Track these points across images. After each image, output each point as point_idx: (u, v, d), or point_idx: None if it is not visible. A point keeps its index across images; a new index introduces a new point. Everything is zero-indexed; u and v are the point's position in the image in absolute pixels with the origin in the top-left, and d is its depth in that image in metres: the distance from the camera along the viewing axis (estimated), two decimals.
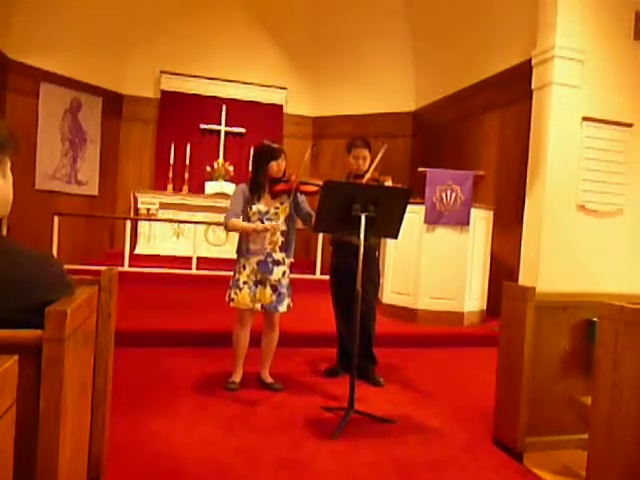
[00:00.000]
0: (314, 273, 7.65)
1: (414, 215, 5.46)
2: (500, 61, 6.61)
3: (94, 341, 1.89)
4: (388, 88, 8.93)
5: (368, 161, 3.80)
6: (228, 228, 3.39)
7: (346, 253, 3.59)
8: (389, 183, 3.55)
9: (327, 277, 3.54)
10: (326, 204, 2.97)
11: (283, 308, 3.46)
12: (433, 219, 5.49)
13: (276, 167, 3.42)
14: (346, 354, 3.95)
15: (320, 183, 3.37)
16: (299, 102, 9.71)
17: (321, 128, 9.70)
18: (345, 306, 3.78)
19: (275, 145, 3.45)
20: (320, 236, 7.34)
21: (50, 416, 1.31)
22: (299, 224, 3.59)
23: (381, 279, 3.97)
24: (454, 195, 5.48)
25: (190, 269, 7.31)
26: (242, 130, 9.41)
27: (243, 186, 3.49)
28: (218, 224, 7.45)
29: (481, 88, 7.04)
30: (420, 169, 5.55)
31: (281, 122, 9.60)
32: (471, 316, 5.66)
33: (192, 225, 8.00)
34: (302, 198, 3.52)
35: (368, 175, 3.58)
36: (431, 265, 5.51)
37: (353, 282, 3.07)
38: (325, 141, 9.67)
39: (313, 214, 3.48)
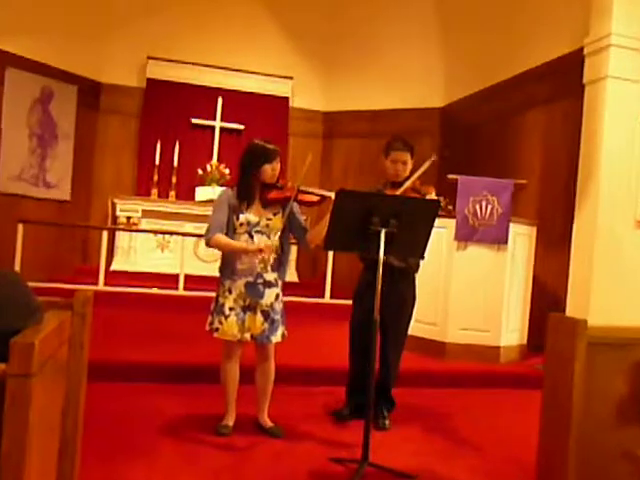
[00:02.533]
0: (322, 296, 7.67)
1: (442, 230, 5.47)
2: (545, 51, 6.64)
3: (64, 375, 1.90)
4: (412, 80, 9.00)
5: (409, 167, 3.83)
6: (210, 244, 3.41)
7: (378, 274, 3.59)
8: (432, 196, 3.56)
9: (339, 301, 3.55)
10: (339, 217, 2.98)
11: (277, 338, 3.47)
12: (465, 235, 5.50)
13: (270, 171, 3.44)
14: (357, 393, 3.95)
15: (323, 193, 3.40)
16: (307, 94, 9.80)
17: (333, 125, 9.77)
18: (363, 335, 3.77)
19: (270, 145, 3.47)
20: (330, 252, 7.37)
21: (11, 464, 1.31)
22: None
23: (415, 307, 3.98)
24: (490, 207, 5.48)
25: (176, 289, 7.33)
26: (240, 126, 9.49)
27: (229, 191, 3.51)
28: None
29: (522, 82, 7.07)
30: (450, 176, 5.56)
31: (286, 117, 9.69)
32: (509, 352, 5.63)
33: (180, 237, 8.04)
34: (298, 208, 3.55)
35: (407, 184, 3.59)
36: (462, 290, 5.50)
37: (381, 307, 3.08)
38: (337, 141, 9.74)
39: (309, 229, 3.51)
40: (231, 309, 3.41)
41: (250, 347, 3.56)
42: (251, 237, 3.42)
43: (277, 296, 3.49)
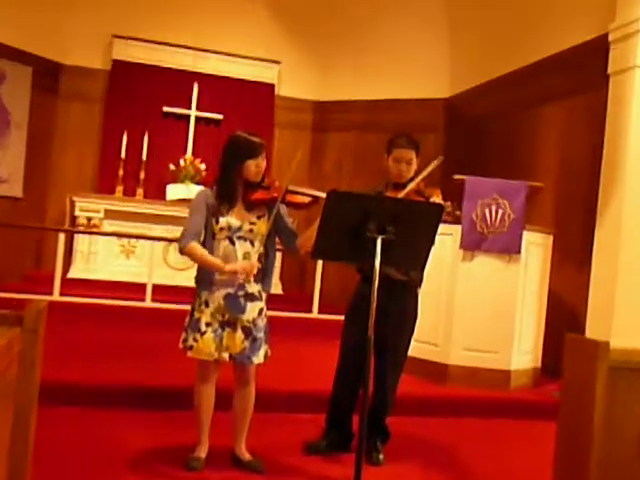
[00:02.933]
0: (310, 310, 7.67)
1: (447, 238, 5.49)
2: (565, 37, 6.68)
3: (12, 399, 1.89)
4: (414, 67, 9.05)
5: (414, 166, 3.86)
6: (184, 253, 3.41)
7: (373, 288, 3.58)
8: (437, 199, 3.57)
9: (328, 317, 3.55)
10: (330, 221, 2.98)
11: (259, 358, 3.46)
12: (472, 244, 5.52)
13: (254, 168, 3.44)
14: (340, 423, 3.97)
15: (315, 194, 3.40)
16: (296, 81, 9.83)
17: (325, 116, 9.80)
18: (355, 356, 3.78)
19: (254, 138, 3.47)
20: (319, 261, 7.38)
21: None
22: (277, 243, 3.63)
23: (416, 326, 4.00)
24: (501, 212, 5.51)
25: (143, 300, 7.32)
26: (219, 116, 9.50)
27: (207, 192, 3.51)
28: None
29: (538, 72, 7.12)
30: (456, 176, 5.59)
31: (271, 107, 9.70)
32: (520, 376, 5.65)
33: (147, 242, 8.02)
34: (286, 211, 3.56)
35: (411, 186, 3.60)
36: (467, 306, 5.52)
37: (378, 325, 3.08)
38: (329, 134, 9.76)
39: (298, 234, 3.52)
40: (208, 325, 3.41)
41: (228, 368, 3.55)
42: (232, 243, 3.42)
43: (260, 311, 3.49)
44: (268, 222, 3.44)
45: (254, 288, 3.47)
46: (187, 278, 8.22)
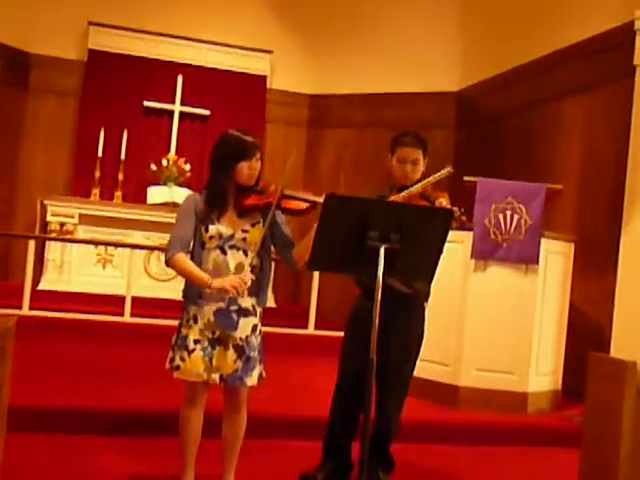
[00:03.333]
0: (306, 326, 7.68)
1: (457, 246, 5.49)
2: (587, 24, 6.71)
3: None
4: (421, 57, 9.07)
5: (421, 167, 3.85)
6: (169, 265, 3.39)
7: (375, 302, 3.57)
8: (443, 203, 3.56)
9: (325, 333, 3.55)
10: (327, 229, 2.98)
11: (252, 380, 3.45)
12: (485, 253, 5.52)
13: (248, 170, 3.43)
14: (339, 451, 3.96)
15: (314, 199, 3.39)
16: (290, 73, 9.86)
17: (321, 112, 9.83)
18: (355, 377, 3.77)
19: (247, 137, 3.46)
20: (316, 273, 7.37)
21: None
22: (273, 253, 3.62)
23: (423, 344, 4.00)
24: (516, 218, 5.52)
25: (122, 315, 7.30)
26: (205, 112, 9.52)
27: (196, 197, 3.51)
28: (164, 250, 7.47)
29: (557, 63, 7.15)
30: (466, 178, 5.60)
31: (263, 101, 9.73)
32: (539, 399, 5.65)
33: (127, 250, 8.01)
34: (282, 218, 3.55)
35: (415, 188, 3.59)
36: (480, 321, 5.52)
37: (380, 343, 3.07)
38: (326, 131, 9.77)
39: (296, 244, 3.51)
40: (196, 342, 3.40)
41: (216, 391, 3.54)
42: (224, 253, 3.40)
43: (254, 327, 3.48)
44: (263, 230, 3.44)
45: (247, 302, 3.46)
46: (171, 290, 8.24)
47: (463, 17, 8.71)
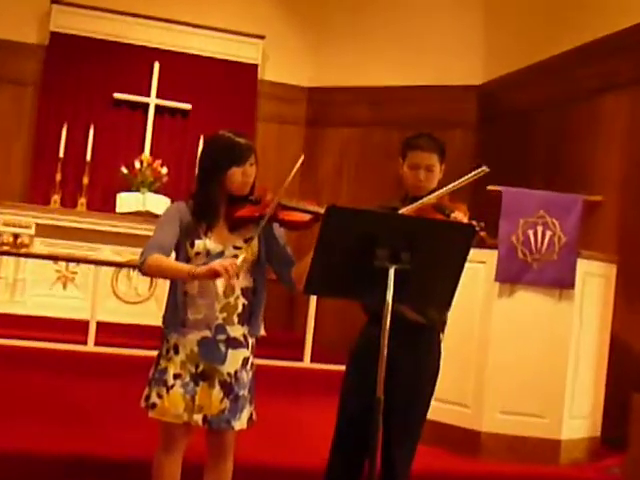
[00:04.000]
0: (301, 358, 7.69)
1: (478, 267, 5.49)
2: (630, 10, 6.72)
3: None
4: (437, 45, 9.13)
5: (437, 175, 3.84)
6: (144, 267, 3.34)
7: (383, 331, 3.54)
8: (459, 216, 3.56)
9: (323, 366, 3.54)
10: (327, 246, 2.98)
11: (241, 423, 3.45)
12: (511, 275, 5.51)
13: (241, 177, 3.44)
14: None
15: (315, 210, 3.39)
16: (286, 62, 9.91)
17: (321, 108, 9.86)
18: (356, 418, 3.76)
19: (241, 139, 3.47)
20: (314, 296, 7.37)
21: None
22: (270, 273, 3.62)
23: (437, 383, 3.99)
24: (549, 234, 5.52)
25: (84, 343, 7.29)
26: (186, 106, 9.54)
27: (182, 206, 3.52)
28: (137, 267, 7.48)
29: (595, 54, 7.17)
30: (490, 187, 5.60)
31: (253, 94, 9.76)
32: (574, 447, 5.62)
33: (91, 267, 8.01)
34: (280, 232, 3.55)
35: (428, 199, 3.58)
36: (505, 356, 5.50)
37: (388, 381, 3.07)
38: (327, 131, 9.79)
39: (295, 262, 3.51)
40: (176, 377, 3.39)
41: (199, 434, 3.54)
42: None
43: (245, 361, 3.48)
44: (257, 246, 3.45)
45: (238, 331, 3.46)
46: (143, 314, 8.25)
47: (487, 3, 8.75)
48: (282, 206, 3.42)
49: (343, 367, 4.02)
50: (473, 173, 3.41)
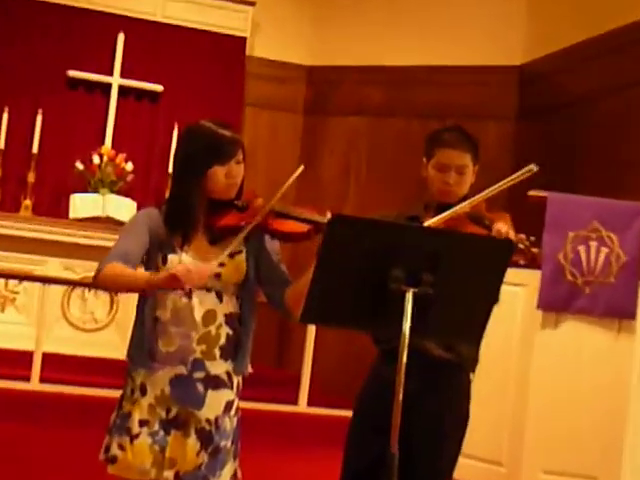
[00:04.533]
0: (295, 401, 7.70)
1: (516, 291, 5.51)
2: None
3: None
4: (468, 17, 9.17)
5: (469, 178, 3.86)
6: (99, 278, 3.34)
7: (399, 370, 3.51)
8: (503, 230, 3.55)
9: (323, 411, 3.54)
10: (330, 265, 2.98)
11: None
12: (558, 301, 5.52)
13: (225, 178, 3.43)
14: None
15: (315, 218, 3.39)
16: (280, 34, 9.94)
17: (324, 91, 9.86)
18: (364, 477, 3.78)
19: (226, 131, 3.46)
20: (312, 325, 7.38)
21: None
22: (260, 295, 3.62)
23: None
24: (605, 252, 5.52)
25: (27, 379, 7.28)
26: (157, 87, 9.53)
27: (153, 213, 3.53)
28: (91, 286, 7.49)
29: None
30: (532, 192, 5.60)
31: (241, 74, 9.75)
32: None
33: (37, 285, 8.00)
34: (273, 246, 3.56)
35: (462, 206, 3.59)
36: (549, 401, 5.51)
37: (404, 431, 3.07)
38: (332, 120, 9.79)
39: (291, 282, 3.50)
40: (143, 423, 3.39)
41: None
42: (187, 295, 3.38)
43: (229, 405, 3.47)
44: (246, 262, 3.45)
45: (219, 367, 3.44)
46: (101, 344, 8.22)
47: None
48: (275, 213, 3.41)
49: (347, 412, 4.03)
50: (519, 173, 3.40)
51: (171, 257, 3.41)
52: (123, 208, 8.84)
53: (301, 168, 3.49)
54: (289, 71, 9.91)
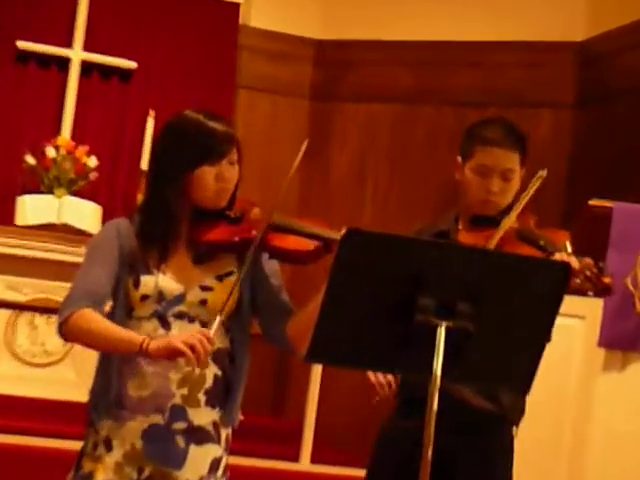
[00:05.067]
0: (296, 457, 7.68)
1: (572, 323, 5.51)
2: None
3: None
4: None
5: (516, 184, 3.88)
6: (67, 330, 3.34)
7: (428, 422, 3.50)
8: (564, 255, 3.53)
9: (328, 470, 3.52)
10: (343, 292, 2.99)
11: None
12: (625, 337, 5.52)
13: (214, 181, 3.43)
14: None
15: (327, 234, 3.39)
16: (283, 1, 9.93)
17: (336, 72, 9.88)
18: None
19: (216, 123, 3.47)
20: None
21: None
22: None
23: None
24: None
25: None
26: (129, 64, 9.55)
27: (123, 225, 3.54)
28: (47, 310, 7.49)
29: None
30: (594, 202, 5.61)
31: (233, 48, 9.78)
32: None
33: None
34: (272, 267, 3.57)
35: (509, 220, 3.60)
36: (614, 460, 5.50)
37: None
38: (345, 107, 9.81)
39: (294, 312, 3.51)
40: None
41: None
42: (165, 326, 3.40)
43: (216, 463, 3.48)
44: (240, 288, 3.45)
45: (206, 417, 3.46)
46: (54, 382, 8.23)
47: None
48: (275, 227, 3.42)
49: (358, 472, 4.03)
50: (535, 182, 3.50)
51: (145, 279, 3.41)
52: (84, 214, 8.83)
53: (305, 144, 3.49)
54: (293, 46, 9.90)
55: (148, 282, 3.40)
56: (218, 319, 3.27)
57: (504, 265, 3.11)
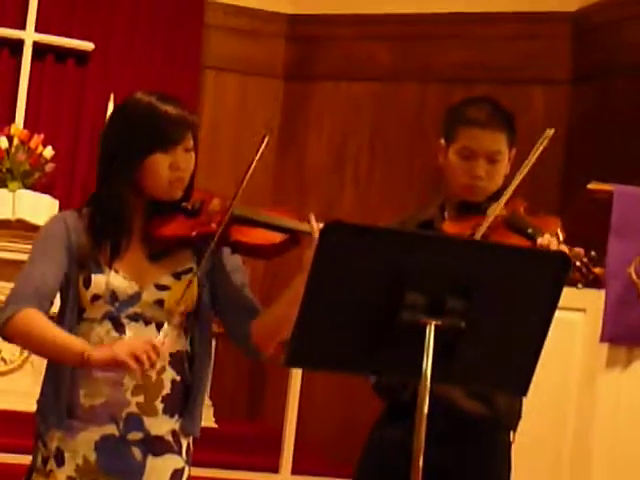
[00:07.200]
0: (276, 467, 7.71)
1: (572, 317, 5.52)
2: None
3: None
4: None
5: (503, 168, 3.89)
6: (8, 330, 3.34)
7: (416, 427, 3.50)
8: (551, 242, 3.53)
9: None
10: (324, 289, 2.98)
11: None
12: (628, 331, 5.53)
13: (169, 170, 3.43)
14: None
15: (295, 225, 3.38)
16: None
17: (312, 49, 9.88)
18: None
19: (169, 106, 3.46)
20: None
21: None
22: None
23: None
24: None
25: None
26: (85, 44, 9.54)
27: (71, 219, 3.54)
28: None
29: None
30: (593, 185, 5.61)
31: (198, 25, 9.77)
32: None
33: None
34: (234, 263, 3.58)
35: (498, 206, 3.61)
36: (618, 466, 5.51)
37: None
38: (322, 87, 9.81)
39: (259, 311, 3.51)
40: None
41: None
42: (118, 328, 3.41)
43: (177, 476, 3.49)
44: (198, 286, 3.45)
45: (164, 426, 3.47)
46: (11, 392, 8.20)
47: None
48: (237, 219, 3.41)
49: None
50: (538, 144, 3.47)
51: (96, 278, 3.41)
52: (40, 208, 8.82)
53: (266, 139, 3.46)
54: (264, 22, 9.91)
55: (99, 281, 3.40)
56: (166, 325, 3.29)
57: (496, 257, 3.11)
